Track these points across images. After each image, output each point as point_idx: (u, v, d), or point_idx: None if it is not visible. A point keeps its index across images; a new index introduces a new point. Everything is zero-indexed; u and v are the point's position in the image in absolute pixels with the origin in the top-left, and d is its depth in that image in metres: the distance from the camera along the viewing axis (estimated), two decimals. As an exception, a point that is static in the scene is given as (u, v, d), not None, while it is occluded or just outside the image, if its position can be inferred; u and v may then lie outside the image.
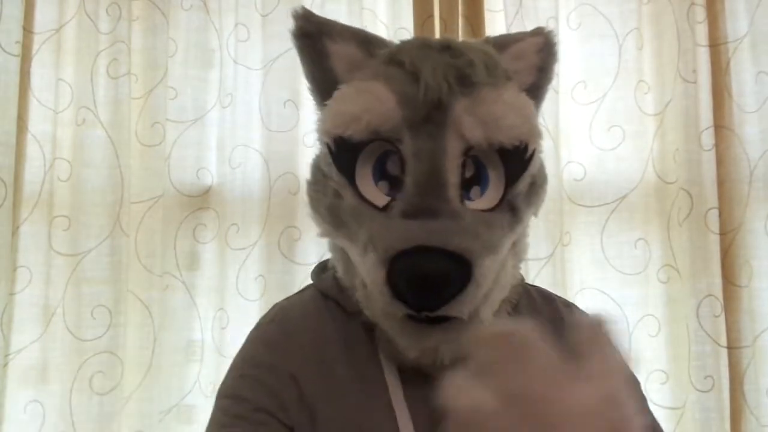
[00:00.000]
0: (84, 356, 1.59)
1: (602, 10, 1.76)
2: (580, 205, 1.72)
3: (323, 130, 0.76)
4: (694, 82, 1.68)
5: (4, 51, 1.63)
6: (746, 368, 1.63)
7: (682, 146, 1.68)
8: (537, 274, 1.64)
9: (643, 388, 0.88)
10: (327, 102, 0.77)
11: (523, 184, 0.76)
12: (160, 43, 1.72)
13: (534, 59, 0.81)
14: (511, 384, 0.46)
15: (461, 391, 0.48)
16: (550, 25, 1.71)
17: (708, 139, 1.66)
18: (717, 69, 1.71)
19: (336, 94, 0.77)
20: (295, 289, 0.94)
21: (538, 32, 0.83)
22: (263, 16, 1.73)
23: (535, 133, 0.76)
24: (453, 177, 0.72)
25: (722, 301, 1.62)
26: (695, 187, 1.66)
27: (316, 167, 0.81)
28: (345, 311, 0.80)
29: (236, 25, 1.73)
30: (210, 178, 1.73)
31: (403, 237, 0.69)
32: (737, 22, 1.72)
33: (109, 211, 1.64)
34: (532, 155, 0.75)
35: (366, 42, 0.80)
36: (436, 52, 0.75)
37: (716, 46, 1.72)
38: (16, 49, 1.64)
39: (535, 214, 0.83)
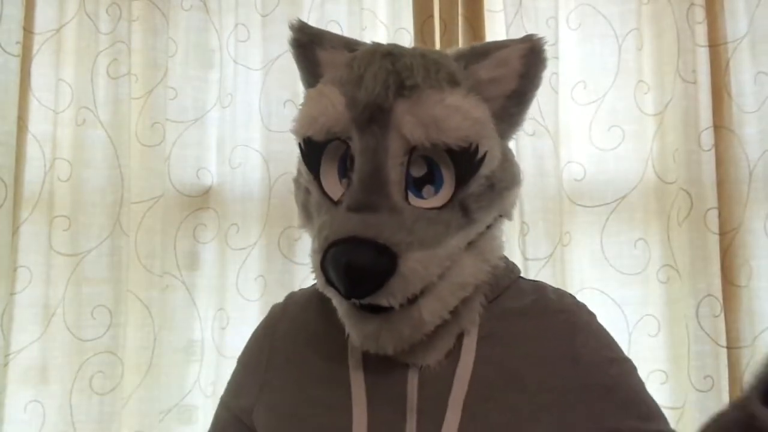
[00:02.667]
0: (84, 356, 1.59)
1: (602, 10, 1.76)
2: (580, 205, 1.72)
3: (294, 131, 0.83)
4: (694, 82, 1.68)
5: (5, 51, 1.63)
6: (746, 368, 1.63)
7: (681, 146, 1.68)
8: (537, 274, 1.64)
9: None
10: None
11: (475, 185, 0.78)
12: (160, 43, 1.72)
13: (516, 65, 0.82)
14: None
15: None
16: (550, 25, 1.72)
17: (707, 139, 1.67)
18: (716, 69, 1.71)
19: (304, 97, 0.83)
20: (295, 289, 0.97)
21: (527, 39, 0.84)
22: (263, 16, 1.73)
23: (486, 136, 0.78)
24: (394, 174, 0.76)
25: (722, 301, 1.62)
26: (695, 187, 1.66)
27: (298, 166, 0.87)
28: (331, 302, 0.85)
29: (236, 25, 1.73)
30: (210, 178, 1.73)
31: (340, 228, 0.74)
32: (737, 23, 1.72)
33: (109, 211, 1.64)
34: (483, 157, 0.77)
35: (352, 49, 0.84)
36: (379, 57, 0.79)
37: (716, 46, 1.72)
38: (17, 50, 1.64)
39: (508, 217, 0.86)
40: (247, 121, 1.72)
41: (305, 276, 1.65)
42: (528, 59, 0.82)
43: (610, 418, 0.82)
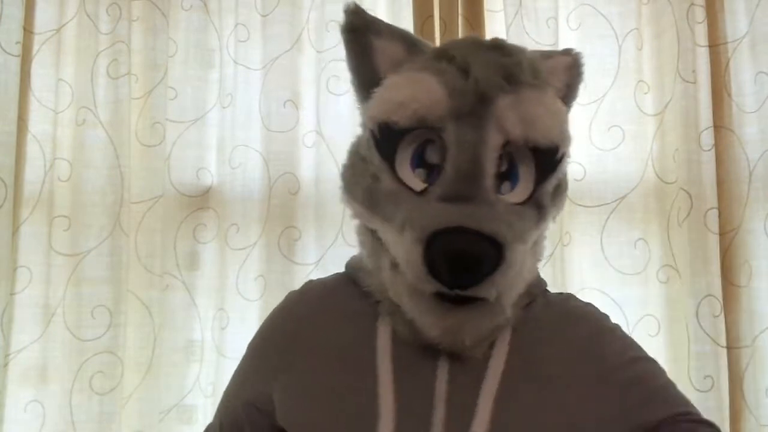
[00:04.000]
0: (84, 356, 1.59)
1: (602, 10, 1.76)
2: (580, 205, 1.72)
3: (369, 116, 0.82)
4: (694, 82, 1.68)
5: (4, 51, 1.63)
6: (746, 368, 1.63)
7: (681, 146, 1.68)
8: (537, 274, 1.64)
9: None
10: (375, 90, 0.82)
11: (550, 184, 0.82)
12: (160, 43, 1.72)
13: (563, 76, 0.87)
14: None
15: None
16: (550, 25, 1.72)
17: (707, 139, 1.67)
18: (716, 69, 1.71)
19: (385, 82, 0.82)
20: (295, 289, 0.98)
21: (567, 53, 0.89)
22: (263, 16, 1.73)
23: (567, 139, 0.81)
24: (491, 167, 0.77)
25: (722, 301, 1.62)
26: (695, 187, 1.66)
27: (354, 153, 0.87)
28: (359, 289, 0.86)
29: (236, 25, 1.73)
30: (210, 178, 1.73)
31: (442, 217, 0.74)
32: (737, 23, 1.72)
33: (109, 211, 1.64)
34: (561, 158, 0.81)
35: (409, 41, 0.86)
36: (486, 50, 0.81)
37: (716, 46, 1.72)
38: (17, 50, 1.64)
39: (554, 218, 0.89)
40: (247, 121, 1.72)
41: (305, 276, 1.65)
42: (572, 71, 0.88)
43: (639, 410, 0.83)
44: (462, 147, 0.76)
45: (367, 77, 0.84)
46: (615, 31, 1.76)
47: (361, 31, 0.85)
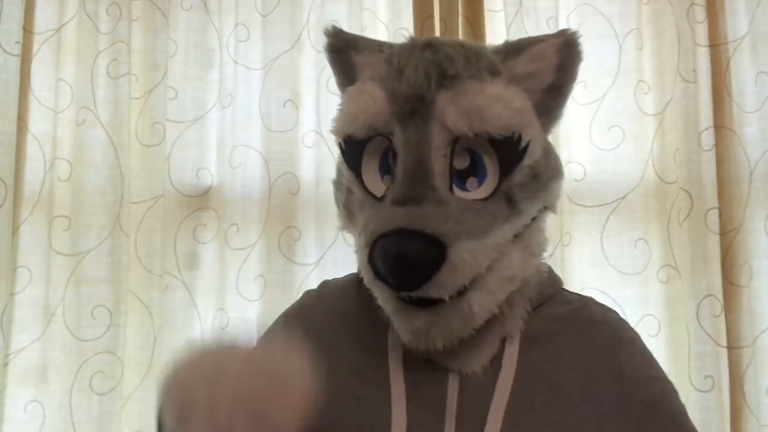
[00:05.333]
0: (84, 356, 1.59)
1: (602, 10, 1.76)
2: (580, 205, 1.72)
3: (334, 130, 0.82)
4: (694, 82, 1.68)
5: (4, 51, 1.63)
6: (746, 368, 1.63)
7: (682, 146, 1.68)
8: (537, 274, 1.64)
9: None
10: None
11: (519, 175, 0.78)
12: (160, 43, 1.72)
13: (553, 59, 0.83)
14: None
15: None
16: (550, 25, 1.72)
17: (708, 139, 1.66)
18: (717, 69, 1.71)
19: (343, 96, 0.83)
20: (295, 289, 0.97)
21: (561, 33, 0.86)
22: (263, 16, 1.73)
23: (528, 124, 0.78)
24: (438, 166, 0.76)
25: (722, 301, 1.62)
26: (695, 187, 1.66)
27: (337, 168, 0.88)
28: (371, 297, 0.84)
29: (236, 25, 1.73)
30: (210, 178, 1.73)
31: (386, 221, 0.74)
32: (737, 22, 1.72)
33: (109, 211, 1.64)
34: (527, 146, 0.77)
35: (383, 51, 0.85)
36: (418, 50, 0.80)
37: (716, 46, 1.72)
38: (16, 49, 1.64)
39: (551, 209, 0.86)
40: (247, 121, 1.72)
41: (305, 276, 1.65)
42: (564, 53, 0.84)
43: None
44: (407, 149, 0.76)
45: None
46: (615, 30, 1.76)
47: (342, 51, 0.87)
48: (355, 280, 0.91)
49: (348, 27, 1.72)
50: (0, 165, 1.59)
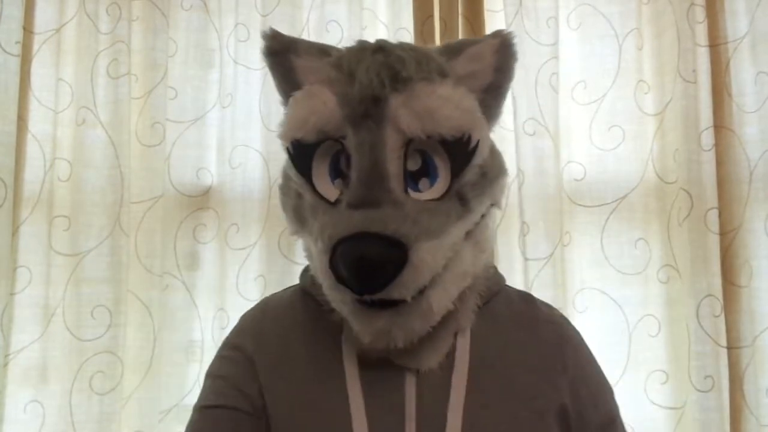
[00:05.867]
0: (84, 356, 1.59)
1: (602, 10, 1.76)
2: (580, 205, 1.72)
3: (281, 135, 0.82)
4: (694, 82, 1.68)
5: (4, 51, 1.63)
6: (746, 368, 1.63)
7: (682, 146, 1.68)
8: (537, 274, 1.64)
9: (643, 388, 0.92)
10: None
11: (470, 174, 0.80)
12: (160, 43, 1.72)
13: (491, 60, 0.84)
14: None
15: None
16: (550, 25, 1.72)
17: (708, 139, 1.66)
18: (717, 69, 1.71)
19: (290, 100, 0.83)
20: None
21: (497, 34, 0.87)
22: (263, 16, 1.73)
23: (477, 125, 0.79)
24: (393, 168, 0.76)
25: (722, 301, 1.62)
26: (695, 187, 1.66)
27: (284, 172, 0.87)
28: (319, 305, 0.84)
29: (236, 25, 1.73)
30: (210, 178, 1.73)
31: (345, 225, 0.74)
32: (737, 22, 1.72)
33: (109, 211, 1.64)
34: (476, 146, 0.79)
35: (326, 55, 0.85)
36: (370, 53, 0.80)
37: (716, 46, 1.72)
38: (16, 49, 1.64)
39: (498, 206, 0.88)
40: (247, 121, 1.72)
41: (305, 276, 1.65)
42: (501, 53, 0.85)
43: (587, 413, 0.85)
44: (361, 152, 0.76)
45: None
46: (615, 30, 1.76)
47: (280, 54, 0.86)
48: (299, 291, 0.92)
49: (348, 27, 1.72)
50: (0, 165, 1.59)
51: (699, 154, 1.66)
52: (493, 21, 1.77)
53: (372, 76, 0.77)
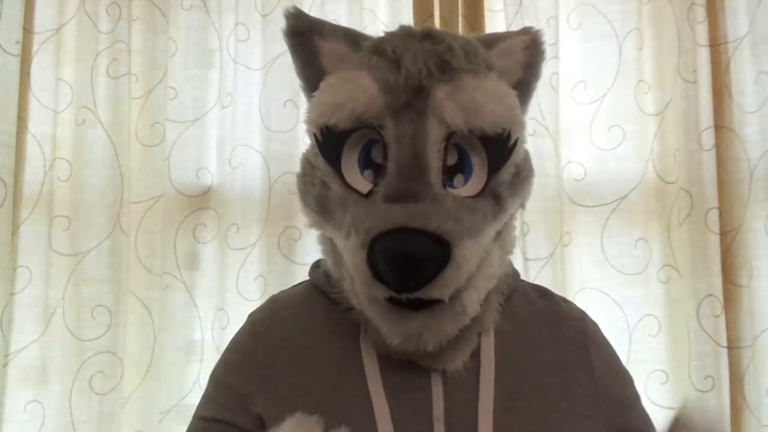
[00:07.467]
0: (84, 356, 1.59)
1: (602, 10, 1.76)
2: (580, 205, 1.72)
3: (310, 121, 0.77)
4: (694, 82, 1.68)
5: (4, 51, 1.63)
6: (746, 368, 1.63)
7: (682, 146, 1.68)
8: (537, 274, 1.64)
9: (643, 388, 0.91)
10: (314, 93, 0.78)
11: (506, 173, 0.78)
12: (160, 43, 1.72)
13: (521, 56, 0.82)
14: None
15: None
16: (550, 25, 1.72)
17: (708, 139, 1.66)
18: (717, 69, 1.71)
19: (322, 84, 0.78)
20: None
21: (526, 31, 0.85)
22: (263, 16, 1.73)
23: (518, 122, 0.77)
24: (434, 161, 0.73)
25: (722, 301, 1.62)
26: (695, 187, 1.66)
27: (306, 160, 0.83)
28: (333, 303, 0.81)
29: (236, 25, 1.73)
30: (210, 178, 1.73)
31: (384, 219, 0.69)
32: (737, 22, 1.72)
33: (109, 211, 1.64)
34: (515, 144, 0.76)
35: (353, 39, 0.81)
36: (417, 40, 0.76)
37: (716, 46, 1.72)
38: (16, 49, 1.64)
39: (523, 207, 0.85)
40: (247, 121, 1.72)
41: (305, 276, 1.64)
42: (531, 50, 0.83)
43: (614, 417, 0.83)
44: (402, 143, 0.72)
45: (315, 80, 0.79)
46: (615, 30, 1.76)
47: (305, 34, 0.81)
48: (309, 287, 0.88)
49: (348, 27, 1.72)
50: (0, 165, 1.59)
51: (699, 154, 1.66)
52: (493, 21, 1.77)
53: (420, 65, 0.73)
